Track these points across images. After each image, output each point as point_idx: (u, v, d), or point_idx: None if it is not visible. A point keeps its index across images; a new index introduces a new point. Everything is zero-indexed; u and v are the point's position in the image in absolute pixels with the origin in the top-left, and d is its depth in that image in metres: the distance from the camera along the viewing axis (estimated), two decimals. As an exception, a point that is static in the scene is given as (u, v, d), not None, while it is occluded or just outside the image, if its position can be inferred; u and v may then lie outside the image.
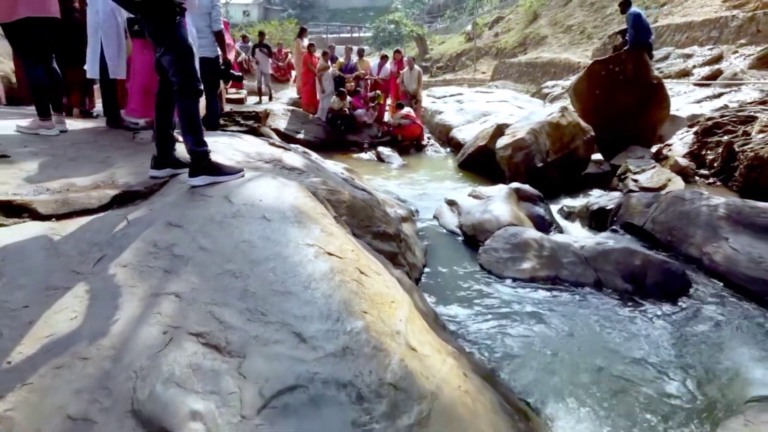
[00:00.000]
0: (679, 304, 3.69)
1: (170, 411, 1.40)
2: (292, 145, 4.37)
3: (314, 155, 4.74)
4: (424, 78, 30.03)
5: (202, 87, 2.38)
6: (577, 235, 4.83)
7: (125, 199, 2.36)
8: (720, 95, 11.37)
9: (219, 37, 4.59)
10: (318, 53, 9.45)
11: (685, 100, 11.53)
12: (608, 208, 5.46)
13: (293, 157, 3.55)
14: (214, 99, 4.86)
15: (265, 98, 10.37)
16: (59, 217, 2.15)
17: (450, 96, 11.61)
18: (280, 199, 2.33)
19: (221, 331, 1.64)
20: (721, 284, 3.98)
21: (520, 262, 4.03)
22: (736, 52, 14.20)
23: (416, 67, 9.61)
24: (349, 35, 42.62)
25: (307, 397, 1.48)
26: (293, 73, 10.59)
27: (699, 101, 11.10)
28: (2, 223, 2.06)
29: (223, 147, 2.75)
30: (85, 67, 3.42)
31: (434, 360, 1.90)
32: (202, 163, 2.46)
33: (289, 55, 11.03)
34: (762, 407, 2.25)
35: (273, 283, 1.85)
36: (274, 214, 2.20)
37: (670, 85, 13.51)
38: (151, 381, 1.48)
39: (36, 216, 2.13)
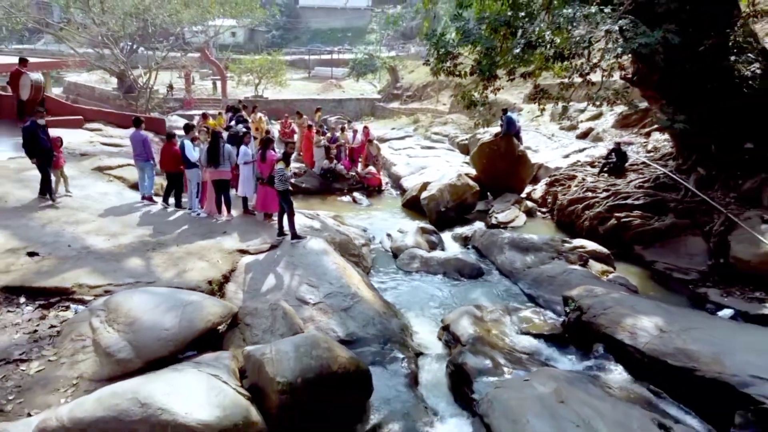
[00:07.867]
0: (475, 281, 9.00)
1: (304, 296, 6.64)
2: (311, 212, 9.62)
3: (322, 213, 10.01)
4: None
5: (295, 212, 7.60)
6: (445, 252, 10.12)
7: (273, 247, 7.59)
8: (584, 150, 16.75)
9: None
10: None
11: (560, 152, 16.87)
12: (468, 235, 10.81)
13: (315, 223, 8.82)
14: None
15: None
16: (256, 253, 7.37)
17: (403, 149, 16.97)
18: (319, 246, 7.60)
19: (311, 284, 6.89)
20: (498, 272, 9.32)
21: (413, 264, 9.30)
22: (612, 110, 19.49)
23: (375, 141, 15.00)
24: (329, 56, 47.47)
25: (333, 295, 6.74)
26: (295, 136, 15.74)
27: (567, 155, 16.42)
28: (242, 256, 7.27)
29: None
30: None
31: (365, 292, 7.14)
32: (295, 235, 7.67)
33: (293, 125, 16.18)
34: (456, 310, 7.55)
35: (323, 272, 7.11)
36: (319, 251, 7.47)
37: (559, 137, 19.03)
38: (299, 291, 6.72)
39: (249, 253, 7.34)
